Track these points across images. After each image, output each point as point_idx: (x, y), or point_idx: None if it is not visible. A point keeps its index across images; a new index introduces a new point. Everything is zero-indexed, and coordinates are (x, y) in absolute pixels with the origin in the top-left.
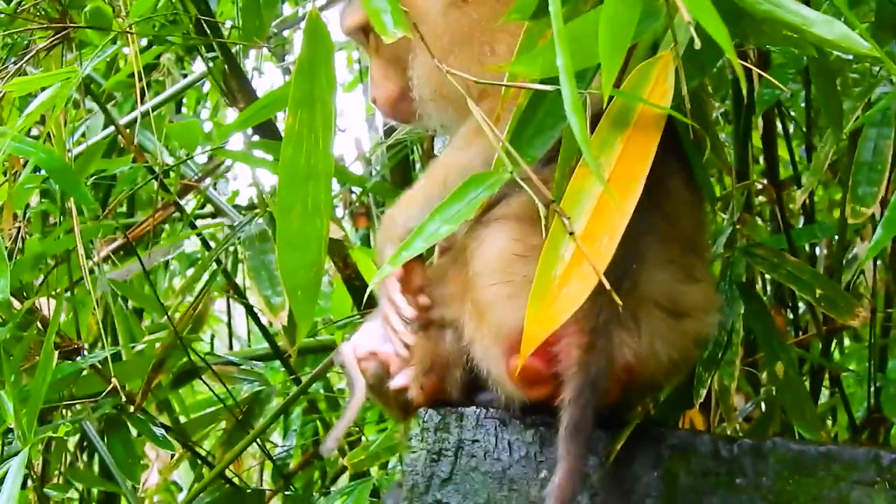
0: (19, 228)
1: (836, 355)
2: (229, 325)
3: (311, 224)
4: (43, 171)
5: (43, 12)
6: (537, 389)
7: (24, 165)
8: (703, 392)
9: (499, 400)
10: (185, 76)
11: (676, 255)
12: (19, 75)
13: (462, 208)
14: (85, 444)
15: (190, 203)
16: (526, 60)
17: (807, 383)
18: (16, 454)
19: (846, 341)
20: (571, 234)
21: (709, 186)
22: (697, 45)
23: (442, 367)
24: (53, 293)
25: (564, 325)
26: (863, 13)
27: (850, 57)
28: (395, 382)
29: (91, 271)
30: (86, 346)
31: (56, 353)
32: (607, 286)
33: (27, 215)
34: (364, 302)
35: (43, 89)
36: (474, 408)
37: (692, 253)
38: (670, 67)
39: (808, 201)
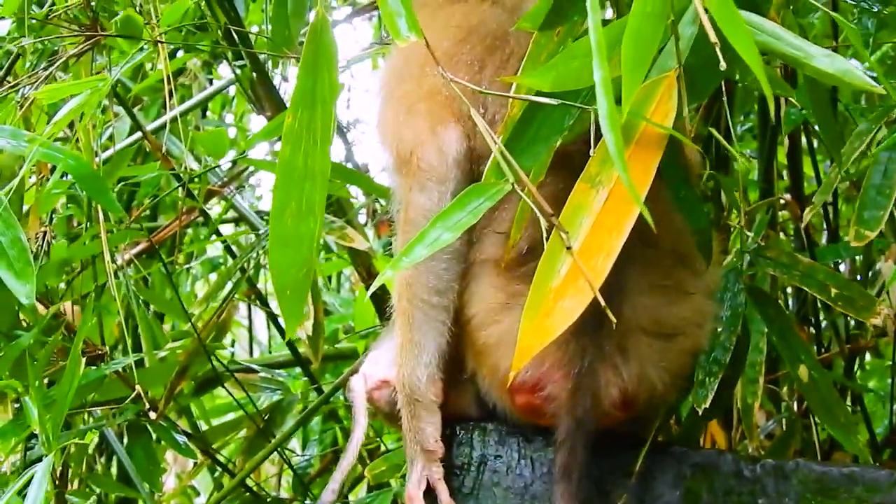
0: (45, 232)
1: (859, 373)
2: (250, 330)
3: (304, 224)
4: (70, 177)
5: (74, 18)
6: (543, 420)
7: (52, 171)
8: (709, 397)
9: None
10: (210, 81)
11: (661, 277)
12: (49, 80)
13: (464, 217)
14: (104, 447)
15: (215, 208)
16: (537, 73)
17: None
18: (39, 460)
19: (867, 356)
20: (569, 248)
21: (699, 214)
22: (723, 66)
23: (457, 388)
24: (79, 297)
25: (552, 369)
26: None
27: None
28: None
29: (115, 275)
30: (108, 350)
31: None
32: (602, 302)
33: (53, 219)
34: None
35: (72, 96)
36: (497, 423)
37: (680, 265)
38: (673, 88)
39: (832, 216)
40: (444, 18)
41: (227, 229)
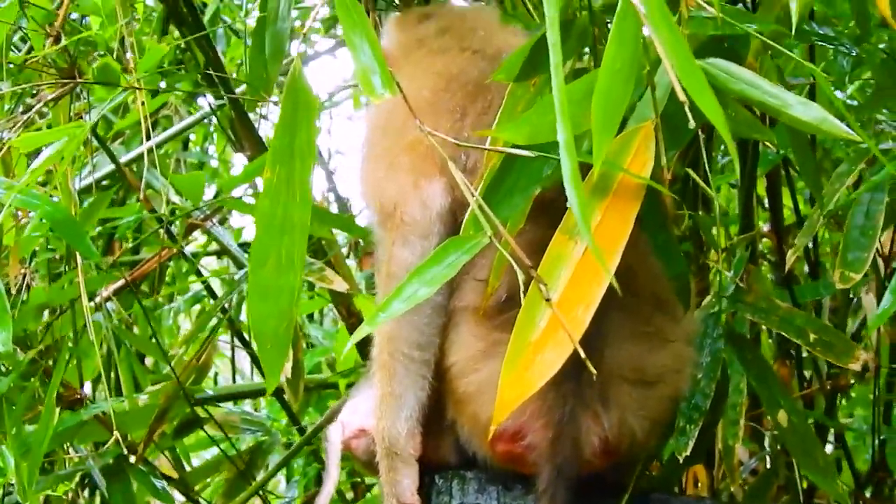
0: (25, 275)
1: (844, 402)
2: (233, 361)
3: (284, 277)
4: None
5: (52, 62)
6: (523, 468)
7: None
8: (689, 445)
9: None
10: (191, 114)
11: (641, 324)
12: (27, 125)
13: (441, 271)
14: (87, 482)
15: (200, 238)
16: (512, 126)
17: None
18: None
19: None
20: (548, 300)
21: (677, 260)
22: (692, 124)
23: (435, 436)
24: (57, 340)
25: (533, 418)
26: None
27: None
28: None
29: (96, 310)
30: (88, 395)
31: (57, 407)
32: (582, 354)
33: (33, 261)
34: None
35: (50, 143)
36: (476, 471)
37: (659, 312)
38: (651, 137)
39: (811, 247)
40: (425, 68)
41: (211, 261)
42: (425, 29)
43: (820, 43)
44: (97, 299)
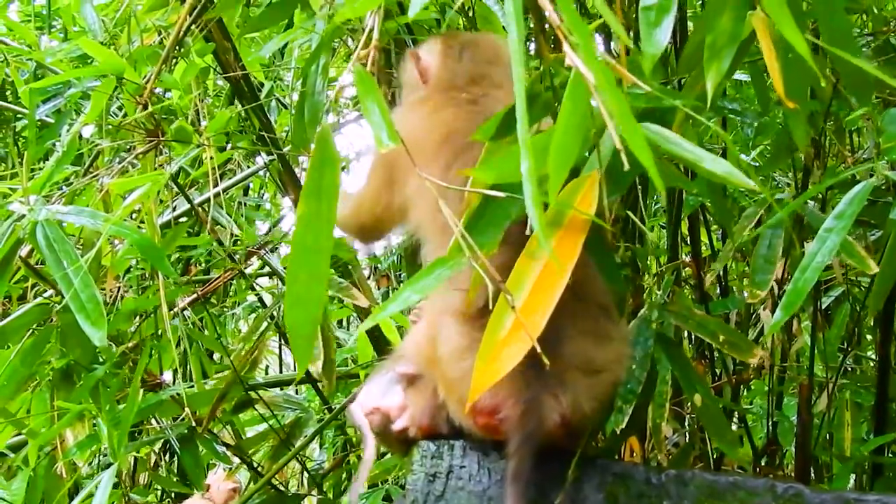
0: (119, 288)
1: (745, 392)
2: (280, 356)
3: (313, 289)
4: None
5: (141, 124)
6: (498, 436)
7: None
8: (624, 420)
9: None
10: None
11: (590, 325)
12: (122, 172)
13: (430, 282)
14: (167, 448)
15: (255, 263)
16: (487, 169)
17: None
18: (108, 467)
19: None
20: (513, 308)
21: (616, 277)
22: (626, 167)
23: (432, 411)
24: (143, 339)
25: (506, 397)
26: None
27: None
28: (397, 425)
29: (174, 316)
30: (167, 381)
31: (141, 389)
32: (538, 349)
33: (125, 278)
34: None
35: (138, 187)
36: (462, 440)
37: (603, 317)
38: (595, 184)
39: (722, 274)
40: (450, 109)
41: (264, 280)
42: (461, 70)
43: (731, 115)
44: (176, 308)
